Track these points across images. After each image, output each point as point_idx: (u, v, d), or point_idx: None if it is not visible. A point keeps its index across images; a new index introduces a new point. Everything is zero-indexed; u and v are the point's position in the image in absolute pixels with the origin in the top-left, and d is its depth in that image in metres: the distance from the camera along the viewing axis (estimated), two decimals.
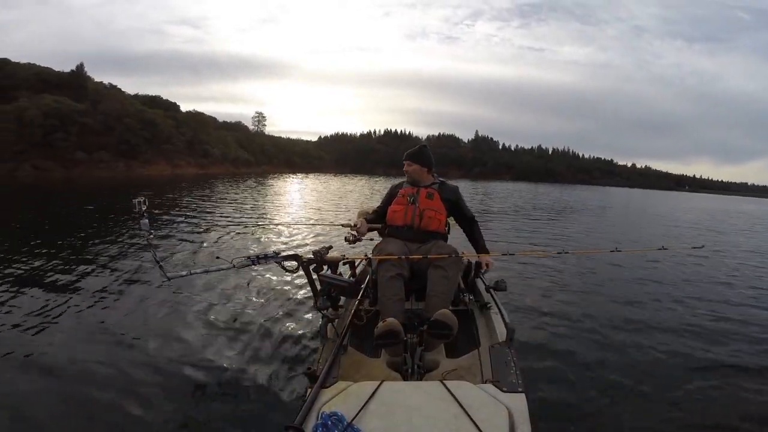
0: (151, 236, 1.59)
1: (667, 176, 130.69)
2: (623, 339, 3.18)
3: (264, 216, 10.00)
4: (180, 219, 8.54)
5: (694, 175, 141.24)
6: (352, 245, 2.50)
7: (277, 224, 8.14)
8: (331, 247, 1.98)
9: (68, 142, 30.74)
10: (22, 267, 4.47)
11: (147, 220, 1.56)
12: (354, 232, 2.44)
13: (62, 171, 29.52)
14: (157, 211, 9.43)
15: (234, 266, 1.72)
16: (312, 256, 1.83)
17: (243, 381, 2.37)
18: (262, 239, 6.57)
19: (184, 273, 1.71)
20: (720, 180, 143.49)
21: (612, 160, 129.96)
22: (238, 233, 6.90)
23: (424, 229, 2.31)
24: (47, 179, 24.93)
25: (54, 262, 4.80)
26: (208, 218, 8.90)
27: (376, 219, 2.57)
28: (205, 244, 5.99)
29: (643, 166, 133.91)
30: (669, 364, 2.79)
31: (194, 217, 9.07)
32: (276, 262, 1.75)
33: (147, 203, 1.56)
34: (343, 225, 2.68)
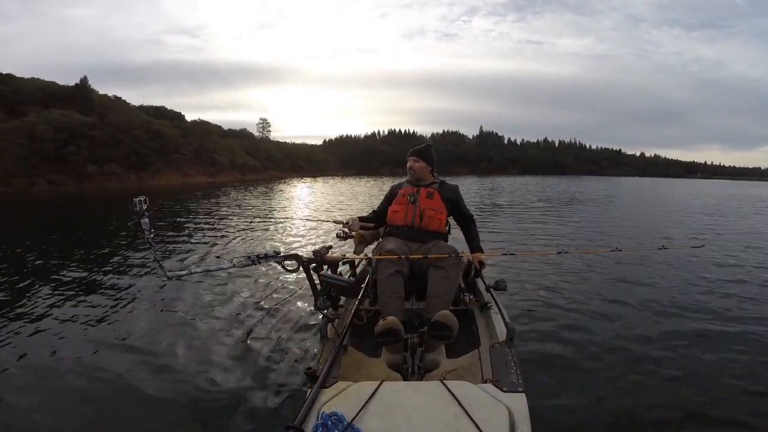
0: (152, 235, 1.56)
1: (677, 164, 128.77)
2: (624, 338, 3.16)
3: (266, 216, 10.02)
4: (183, 221, 8.62)
5: (705, 162, 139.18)
6: (342, 241, 2.52)
7: (271, 221, 8.12)
8: (331, 247, 1.98)
9: (79, 155, 31.33)
10: (27, 269, 4.65)
11: (147, 219, 1.55)
12: (345, 229, 2.45)
13: (75, 185, 30.10)
14: (167, 217, 9.58)
15: (234, 266, 1.71)
16: (312, 256, 1.82)
17: (243, 381, 2.36)
18: (262, 239, 6.60)
19: (184, 272, 1.71)
20: (732, 166, 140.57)
21: (620, 150, 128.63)
22: (239, 234, 6.98)
23: (424, 228, 2.30)
24: (61, 193, 25.48)
25: (59, 263, 4.94)
26: (211, 220, 8.96)
27: (374, 219, 2.58)
28: (205, 244, 6.05)
29: (652, 155, 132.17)
30: (670, 363, 2.78)
31: (196, 218, 9.16)
32: (276, 262, 1.74)
33: (148, 202, 1.55)
34: (335, 222, 2.71)
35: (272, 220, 8.30)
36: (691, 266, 5.69)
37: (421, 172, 2.47)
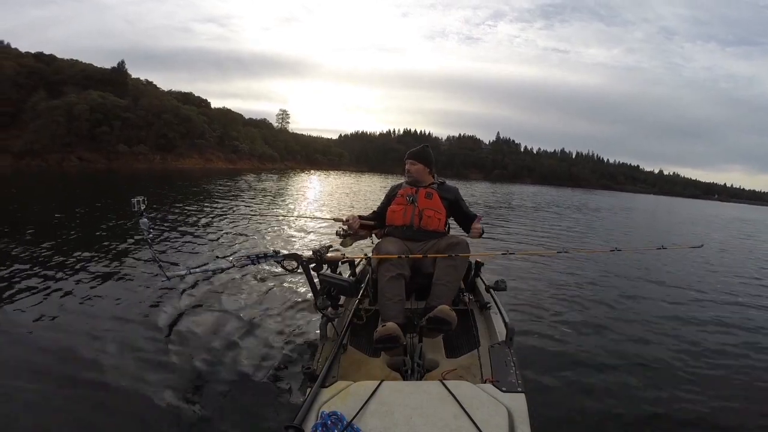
0: (151, 235, 1.57)
1: (695, 184, 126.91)
2: (623, 338, 3.21)
3: (267, 214, 9.57)
4: (185, 217, 8.41)
5: (725, 183, 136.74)
6: (342, 239, 2.50)
7: (270, 217, 8.10)
8: (330, 246, 1.96)
9: (111, 135, 32.93)
10: (25, 262, 4.50)
11: (146, 219, 1.55)
12: (345, 227, 2.45)
13: (105, 163, 31.62)
14: (174, 209, 9.34)
15: (234, 265, 1.72)
16: (312, 256, 1.80)
17: (243, 381, 2.36)
18: (262, 238, 6.57)
19: (183, 272, 1.71)
20: (752, 189, 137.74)
21: (638, 165, 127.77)
22: (239, 233, 6.92)
23: (423, 228, 2.30)
24: (92, 170, 26.72)
25: (59, 252, 4.92)
26: (212, 217, 8.68)
27: (374, 219, 2.59)
28: (205, 244, 5.98)
29: (671, 173, 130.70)
30: (669, 363, 2.83)
31: (199, 213, 8.96)
32: (276, 262, 1.73)
33: (146, 202, 1.56)
34: (335, 219, 2.70)
35: (272, 217, 8.17)
36: (690, 267, 5.90)
37: (420, 174, 2.47)
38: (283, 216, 8.40)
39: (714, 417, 2.25)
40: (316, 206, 12.37)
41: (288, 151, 59.75)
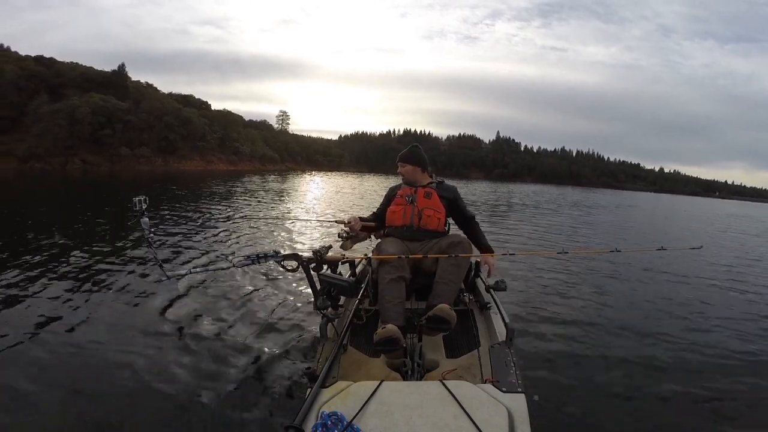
0: (151, 235, 1.57)
1: (695, 181, 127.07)
2: (623, 339, 3.23)
3: (268, 216, 9.66)
4: (185, 217, 8.40)
5: (725, 181, 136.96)
6: (343, 241, 2.50)
7: (272, 220, 8.23)
8: (331, 247, 1.96)
9: (113, 138, 33.16)
10: (26, 261, 4.50)
11: (147, 219, 1.55)
12: (347, 229, 2.45)
13: (108, 165, 31.82)
14: (176, 210, 9.37)
15: (234, 265, 1.73)
16: (312, 256, 1.81)
17: (243, 381, 2.36)
18: (262, 239, 6.59)
19: (183, 272, 1.73)
20: (754, 187, 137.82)
21: (639, 163, 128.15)
22: (240, 233, 6.93)
23: (423, 228, 2.31)
24: (95, 173, 26.76)
25: (60, 252, 4.94)
26: (213, 218, 8.63)
27: (374, 220, 2.60)
28: (206, 244, 5.98)
29: (672, 170, 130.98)
30: (668, 364, 2.84)
31: (199, 214, 8.95)
32: (276, 262, 1.74)
33: (147, 202, 1.55)
34: (337, 221, 2.72)
35: (274, 220, 8.29)
36: (690, 268, 5.88)
37: (411, 175, 2.48)
38: (284, 218, 8.52)
39: (716, 416, 2.26)
40: (321, 207, 12.43)
41: (288, 153, 59.98)
